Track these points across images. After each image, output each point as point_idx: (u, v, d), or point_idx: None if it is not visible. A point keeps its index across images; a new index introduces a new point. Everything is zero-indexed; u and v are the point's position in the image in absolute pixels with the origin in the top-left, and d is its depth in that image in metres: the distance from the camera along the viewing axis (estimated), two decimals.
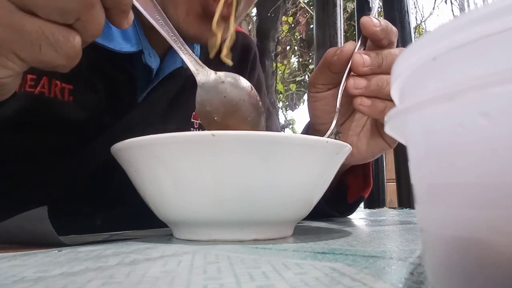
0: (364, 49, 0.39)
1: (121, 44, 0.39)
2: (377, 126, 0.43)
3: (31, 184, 0.39)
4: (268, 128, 0.56)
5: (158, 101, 0.44)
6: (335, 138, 0.38)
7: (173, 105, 0.45)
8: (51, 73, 0.37)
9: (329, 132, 0.38)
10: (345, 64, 0.38)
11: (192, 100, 0.48)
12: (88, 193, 0.42)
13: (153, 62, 0.43)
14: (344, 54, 0.38)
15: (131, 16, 0.28)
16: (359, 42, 0.39)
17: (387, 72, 0.36)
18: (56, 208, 0.40)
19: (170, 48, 0.45)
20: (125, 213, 0.43)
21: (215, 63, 0.51)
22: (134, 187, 0.30)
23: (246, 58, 0.56)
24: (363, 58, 0.36)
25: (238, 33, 0.56)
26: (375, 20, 0.37)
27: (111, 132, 0.40)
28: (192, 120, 0.49)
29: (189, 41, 0.44)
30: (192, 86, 0.47)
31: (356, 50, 0.38)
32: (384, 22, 0.37)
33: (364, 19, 0.37)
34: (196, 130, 0.48)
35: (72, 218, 0.40)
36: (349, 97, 0.39)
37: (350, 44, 0.39)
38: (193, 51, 0.46)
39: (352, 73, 0.38)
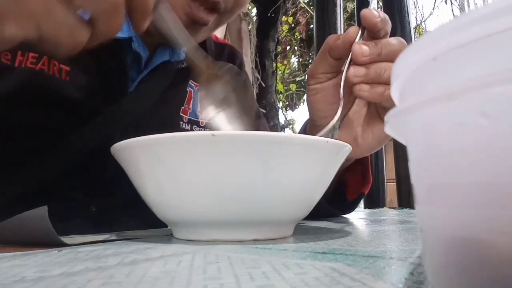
0: (362, 39, 0.40)
1: None
2: (378, 112, 0.44)
3: (24, 166, 0.41)
4: (255, 128, 0.59)
5: (148, 93, 0.46)
6: (340, 124, 0.40)
7: (163, 98, 0.47)
8: (51, 54, 0.40)
9: (335, 118, 0.39)
10: (348, 49, 0.39)
11: (181, 95, 0.52)
12: (81, 180, 0.44)
13: (142, 51, 0.45)
14: (348, 38, 0.39)
15: (146, 24, 0.30)
16: (360, 31, 0.40)
17: (386, 60, 0.38)
18: (50, 193, 0.41)
19: (159, 44, 0.48)
20: (119, 202, 0.45)
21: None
22: (126, 175, 0.30)
23: None
24: (362, 48, 0.38)
25: (225, 45, 0.62)
26: (375, 12, 0.38)
27: (103, 118, 0.42)
28: (181, 114, 0.51)
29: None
30: (180, 82, 0.51)
31: (357, 37, 0.39)
32: (382, 14, 0.39)
33: (365, 11, 0.38)
34: (185, 125, 0.51)
35: (67, 205, 0.41)
36: (348, 88, 0.40)
37: (353, 28, 0.40)
38: (179, 48, 0.49)
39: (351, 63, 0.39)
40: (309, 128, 0.47)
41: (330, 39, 0.41)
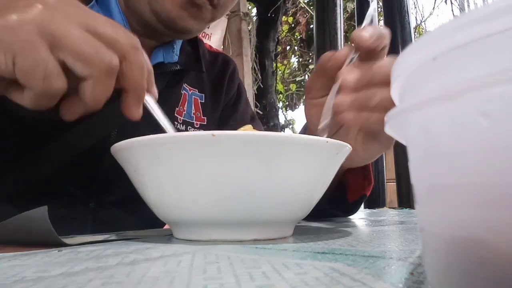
0: (357, 56, 0.38)
1: None
2: (371, 131, 0.43)
3: (23, 162, 0.41)
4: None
5: None
6: None
7: (159, 99, 0.48)
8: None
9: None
10: (340, 68, 0.38)
11: (175, 97, 0.54)
12: (79, 176, 0.45)
13: None
14: (338, 60, 0.39)
15: (141, 110, 0.31)
16: (353, 50, 0.38)
17: (379, 84, 0.37)
18: (49, 189, 0.41)
19: (156, 46, 0.51)
20: (117, 198, 0.46)
21: (194, 65, 0.56)
22: (124, 172, 0.30)
23: (225, 73, 0.63)
24: (347, 78, 0.37)
25: (218, 54, 0.65)
26: (365, 34, 0.36)
27: (100, 116, 0.43)
28: (175, 115, 0.53)
29: (179, 32, 0.48)
30: (175, 84, 0.53)
31: (349, 57, 0.38)
32: (374, 31, 0.37)
33: (355, 34, 0.37)
34: (180, 125, 0.53)
35: (66, 200, 0.42)
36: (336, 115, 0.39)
37: (344, 50, 0.39)
38: (172, 50, 0.52)
39: None
40: (308, 132, 0.47)
41: (323, 59, 0.40)
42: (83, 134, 0.43)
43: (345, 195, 0.52)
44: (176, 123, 0.52)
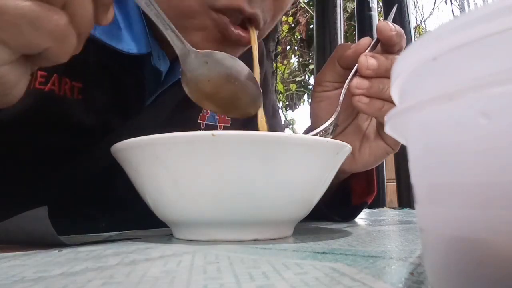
0: (373, 51, 0.39)
1: (130, 45, 0.38)
2: (379, 130, 0.43)
3: (35, 186, 0.38)
4: (272, 128, 0.56)
5: (166, 104, 0.43)
6: (333, 129, 0.39)
7: (180, 107, 0.45)
8: (62, 71, 0.37)
9: (329, 121, 0.39)
10: (357, 59, 0.39)
11: None
12: (92, 196, 0.41)
13: (162, 64, 0.42)
14: (359, 48, 0.39)
15: (112, 12, 0.28)
16: (373, 42, 0.39)
17: None
18: (60, 210, 0.39)
19: None
20: (129, 217, 0.43)
21: None
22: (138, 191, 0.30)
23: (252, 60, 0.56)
24: (368, 60, 0.37)
25: None
26: (391, 25, 0.37)
27: (117, 135, 0.39)
28: (199, 121, 0.49)
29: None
30: None
31: (368, 49, 0.39)
32: (398, 28, 0.38)
33: (381, 23, 0.38)
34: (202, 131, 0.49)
35: (76, 221, 0.39)
36: (351, 99, 0.39)
37: (365, 39, 0.39)
38: None
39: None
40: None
41: (340, 48, 0.41)
42: (98, 156, 0.39)
43: (349, 198, 0.51)
44: (198, 130, 0.48)
